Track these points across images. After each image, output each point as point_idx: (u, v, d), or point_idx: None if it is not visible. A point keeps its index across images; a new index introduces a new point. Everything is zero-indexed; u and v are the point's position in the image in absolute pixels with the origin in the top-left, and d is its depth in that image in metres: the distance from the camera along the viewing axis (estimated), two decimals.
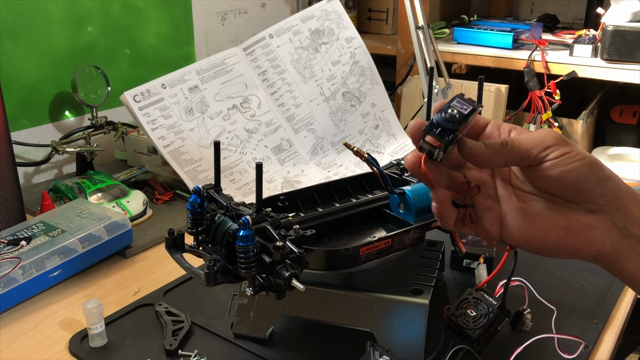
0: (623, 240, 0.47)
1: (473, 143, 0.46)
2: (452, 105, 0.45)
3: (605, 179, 0.46)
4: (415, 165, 0.47)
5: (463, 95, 0.47)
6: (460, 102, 0.46)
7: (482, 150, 0.46)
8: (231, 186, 0.98)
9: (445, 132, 0.45)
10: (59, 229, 0.83)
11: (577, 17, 1.95)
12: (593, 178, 0.46)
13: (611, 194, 0.46)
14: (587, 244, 0.47)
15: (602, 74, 1.32)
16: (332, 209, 0.68)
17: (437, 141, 0.45)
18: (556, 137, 0.46)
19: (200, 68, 1.03)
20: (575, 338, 0.63)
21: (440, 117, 0.45)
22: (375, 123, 1.20)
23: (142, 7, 1.29)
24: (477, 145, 0.46)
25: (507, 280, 0.64)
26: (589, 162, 0.46)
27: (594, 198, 0.46)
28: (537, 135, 0.47)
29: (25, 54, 1.11)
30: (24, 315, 0.75)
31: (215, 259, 0.55)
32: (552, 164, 0.46)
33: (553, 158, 0.46)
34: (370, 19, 1.86)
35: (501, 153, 0.46)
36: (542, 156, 0.46)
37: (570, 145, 0.46)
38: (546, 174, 0.46)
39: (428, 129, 0.45)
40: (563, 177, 0.46)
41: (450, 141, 0.45)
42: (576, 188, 0.46)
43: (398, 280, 0.64)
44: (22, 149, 1.12)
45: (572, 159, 0.45)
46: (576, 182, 0.46)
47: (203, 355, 0.65)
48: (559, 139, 0.46)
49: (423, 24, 1.20)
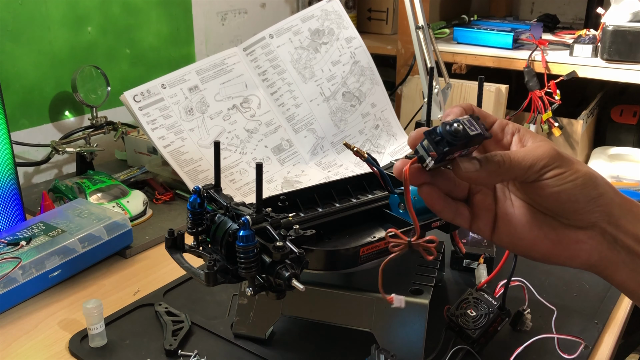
0: (612, 253, 0.47)
1: (467, 165, 0.45)
2: (462, 122, 0.44)
3: (597, 197, 0.46)
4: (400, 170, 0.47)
5: (479, 119, 0.45)
6: (471, 122, 0.44)
7: (476, 173, 0.45)
8: (231, 186, 0.98)
9: (442, 144, 0.44)
10: (59, 229, 0.83)
11: (577, 17, 1.95)
12: (585, 198, 0.46)
13: (602, 210, 0.46)
14: (574, 257, 0.48)
15: (602, 74, 1.32)
16: (332, 209, 0.68)
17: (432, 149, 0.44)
18: (552, 155, 0.45)
19: (200, 68, 1.03)
20: (575, 338, 0.63)
21: (444, 128, 0.44)
22: (375, 123, 1.20)
23: (142, 7, 1.29)
24: (471, 168, 0.45)
25: (507, 280, 0.64)
26: (582, 183, 0.45)
27: (584, 216, 0.46)
28: (534, 154, 0.46)
29: (25, 54, 1.11)
30: (24, 315, 0.75)
31: (215, 259, 0.55)
32: (544, 184, 0.46)
33: (547, 178, 0.45)
34: (370, 19, 1.86)
35: (496, 173, 0.45)
36: (536, 176, 0.46)
37: (565, 164, 0.46)
38: (538, 193, 0.47)
39: (428, 133, 0.44)
40: (554, 197, 0.46)
41: (444, 154, 0.44)
42: (566, 208, 0.46)
43: (398, 280, 0.64)
44: (22, 149, 1.12)
45: (564, 180, 0.45)
46: (567, 203, 0.46)
47: (203, 355, 0.65)
48: (555, 157, 0.45)
49: (423, 24, 1.20)
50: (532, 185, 0.46)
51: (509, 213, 0.49)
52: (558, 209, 0.47)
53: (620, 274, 0.48)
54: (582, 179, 0.45)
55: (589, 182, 0.46)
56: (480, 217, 0.50)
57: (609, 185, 0.47)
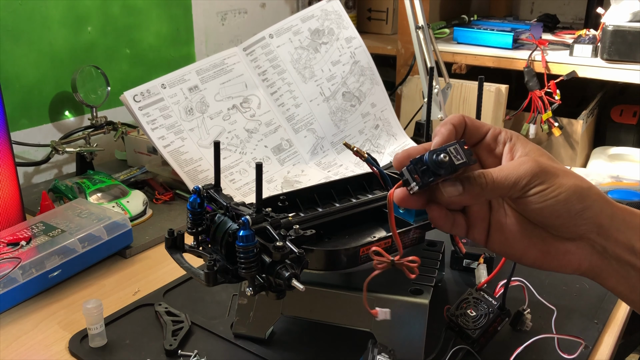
0: (603, 262, 0.48)
1: (450, 189, 0.46)
2: (448, 151, 0.45)
3: (582, 210, 0.46)
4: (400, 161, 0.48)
5: (464, 143, 0.46)
6: (457, 151, 0.45)
7: (459, 197, 0.46)
8: (231, 186, 0.98)
9: (428, 174, 0.45)
10: (58, 229, 0.83)
11: (577, 17, 1.95)
12: (568, 214, 0.46)
13: (590, 223, 0.46)
14: (564, 266, 0.49)
15: (602, 74, 1.33)
16: (332, 209, 0.68)
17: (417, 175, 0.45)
18: (535, 172, 0.45)
19: (200, 68, 1.03)
20: (575, 338, 0.63)
21: (430, 158, 0.45)
22: (375, 123, 1.20)
23: (142, 7, 1.29)
24: (454, 192, 0.46)
25: (507, 280, 0.64)
26: (565, 199, 0.45)
27: (570, 229, 0.47)
28: (517, 173, 0.46)
29: (25, 54, 1.11)
30: (24, 315, 0.75)
31: (215, 259, 0.55)
32: (528, 201, 0.46)
33: (529, 196, 0.46)
34: (370, 19, 1.86)
35: (479, 195, 0.46)
36: (519, 194, 0.46)
37: (549, 180, 0.45)
38: (522, 208, 0.47)
39: (415, 162, 0.45)
40: (537, 213, 0.46)
41: (429, 183, 0.45)
42: (551, 222, 0.47)
43: (398, 280, 0.64)
44: (22, 149, 1.12)
45: (546, 197, 0.45)
46: (550, 218, 0.46)
47: (203, 355, 0.65)
48: (538, 174, 0.45)
49: (423, 24, 1.20)
50: (517, 201, 0.47)
51: (501, 223, 0.50)
52: (544, 223, 0.47)
53: (612, 281, 0.48)
54: (565, 194, 0.45)
55: (573, 197, 0.46)
56: (476, 226, 0.51)
57: (599, 196, 0.47)
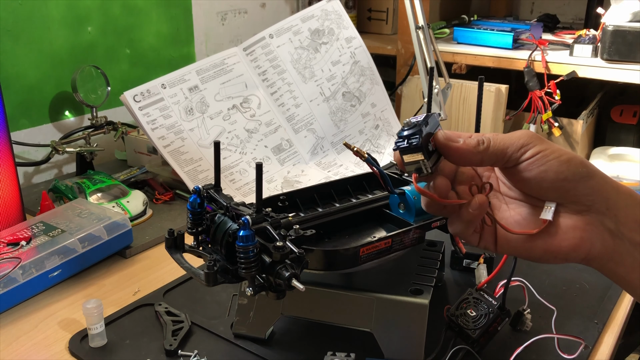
0: (615, 242, 0.46)
1: (450, 135, 0.47)
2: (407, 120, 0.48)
3: (587, 176, 0.45)
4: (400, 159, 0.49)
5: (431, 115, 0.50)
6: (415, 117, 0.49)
7: (458, 144, 0.47)
8: (231, 186, 0.98)
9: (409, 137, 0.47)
10: (58, 229, 0.83)
11: (577, 17, 1.95)
12: (573, 176, 0.45)
13: (596, 192, 0.45)
14: (575, 248, 0.47)
15: (602, 74, 1.32)
16: (332, 209, 0.68)
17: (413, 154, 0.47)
18: (531, 135, 0.46)
19: (200, 68, 1.03)
20: (575, 338, 0.63)
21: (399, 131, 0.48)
22: (375, 123, 1.20)
23: (142, 7, 1.29)
24: (453, 138, 0.47)
25: (507, 280, 0.64)
26: (567, 160, 0.45)
27: (577, 197, 0.46)
28: (513, 135, 0.47)
29: (25, 53, 1.11)
30: (24, 315, 0.75)
31: (215, 259, 0.55)
32: (528, 163, 0.46)
33: (528, 157, 0.45)
34: (370, 19, 1.86)
35: (477, 150, 0.46)
36: (517, 156, 0.46)
37: (546, 143, 0.46)
38: (525, 176, 0.46)
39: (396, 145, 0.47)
40: (541, 177, 0.45)
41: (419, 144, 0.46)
42: (557, 187, 0.46)
43: (398, 280, 0.64)
44: (22, 149, 1.12)
45: (548, 158, 0.45)
46: (556, 182, 0.45)
47: (203, 355, 0.65)
48: (534, 138, 0.46)
49: (423, 24, 1.20)
50: (517, 170, 0.47)
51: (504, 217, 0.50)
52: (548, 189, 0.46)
53: (625, 266, 0.46)
54: (567, 156, 0.45)
55: (575, 159, 0.45)
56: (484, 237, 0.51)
57: (599, 170, 0.46)
